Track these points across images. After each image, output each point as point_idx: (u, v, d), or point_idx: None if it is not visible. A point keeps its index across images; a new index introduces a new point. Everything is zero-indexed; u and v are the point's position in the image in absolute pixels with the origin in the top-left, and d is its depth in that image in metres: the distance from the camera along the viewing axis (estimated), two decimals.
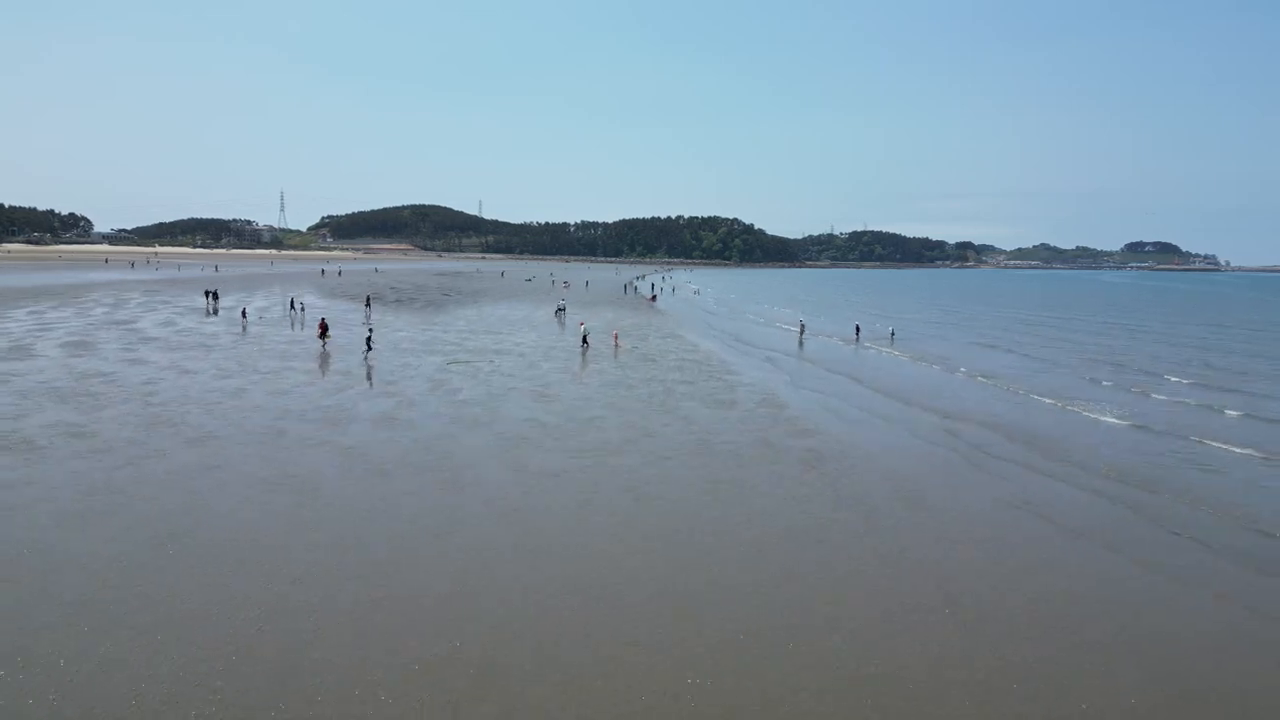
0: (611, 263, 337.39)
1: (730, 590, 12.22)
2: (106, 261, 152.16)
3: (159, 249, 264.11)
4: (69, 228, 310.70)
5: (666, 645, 10.47)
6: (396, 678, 9.47)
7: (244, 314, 50.84)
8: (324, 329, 38.98)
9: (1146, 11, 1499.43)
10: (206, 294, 60.80)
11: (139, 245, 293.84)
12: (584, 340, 40.77)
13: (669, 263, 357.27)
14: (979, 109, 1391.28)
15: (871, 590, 12.44)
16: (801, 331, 52.46)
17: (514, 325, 53.38)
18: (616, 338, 43.58)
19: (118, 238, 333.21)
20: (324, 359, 34.71)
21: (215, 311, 55.10)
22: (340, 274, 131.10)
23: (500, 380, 30.20)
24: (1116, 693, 9.70)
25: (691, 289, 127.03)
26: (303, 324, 49.33)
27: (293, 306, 56.59)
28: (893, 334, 52.69)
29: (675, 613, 11.41)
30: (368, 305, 62.08)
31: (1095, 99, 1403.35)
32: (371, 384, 28.88)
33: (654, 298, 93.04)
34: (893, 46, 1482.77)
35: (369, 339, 37.59)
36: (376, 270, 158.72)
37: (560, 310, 63.33)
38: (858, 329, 52.47)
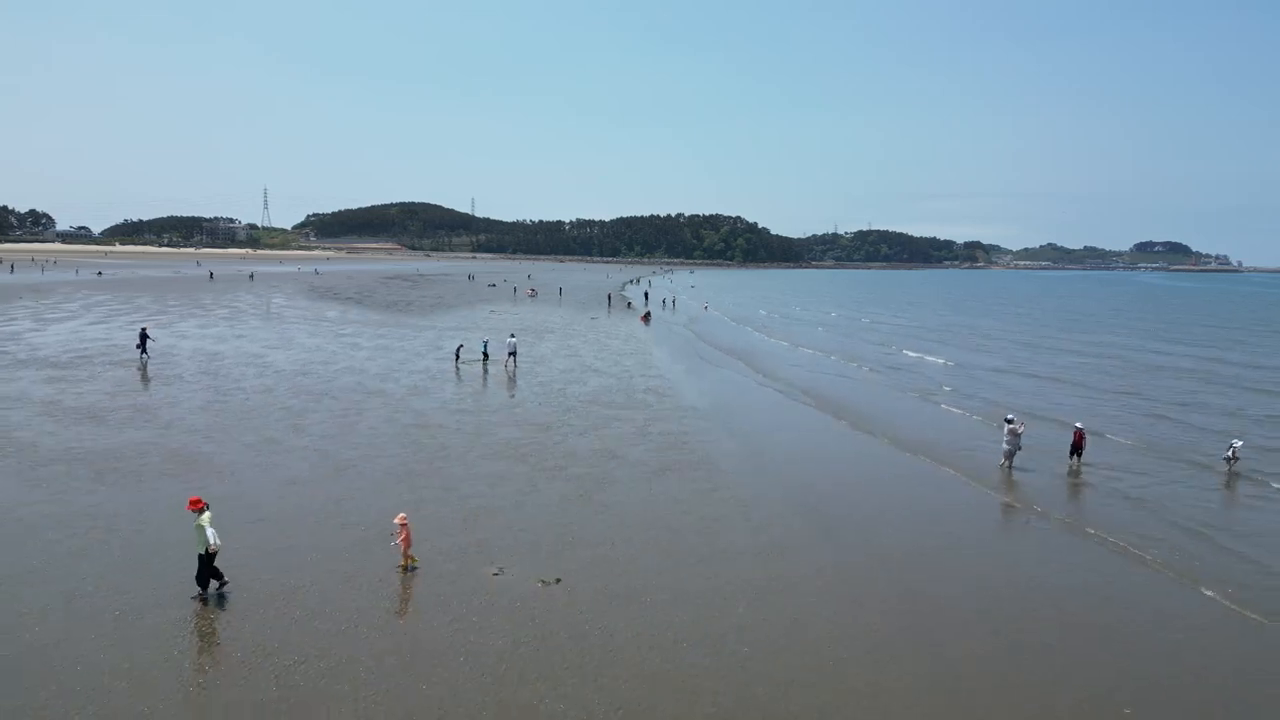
0: (609, 263, 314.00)
1: None
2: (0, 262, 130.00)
3: (115, 248, 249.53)
4: (26, 225, 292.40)
5: None
6: None
7: None
8: None
9: (1146, 11, 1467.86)
10: None
11: (98, 244, 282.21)
12: None
13: (669, 263, 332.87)
14: (979, 109, 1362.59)
15: None
16: (1012, 450, 20.27)
17: (317, 417, 26.84)
18: (406, 560, 12.90)
19: (75, 236, 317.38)
20: None
21: None
22: (252, 277, 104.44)
23: None
24: None
25: (700, 303, 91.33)
26: None
27: None
28: (1233, 455, 21.20)
29: None
30: (142, 345, 34.35)
31: (1096, 99, 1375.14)
32: None
33: (647, 315, 65.92)
34: (893, 46, 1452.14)
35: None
36: (316, 272, 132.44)
37: (476, 357, 36.33)
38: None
